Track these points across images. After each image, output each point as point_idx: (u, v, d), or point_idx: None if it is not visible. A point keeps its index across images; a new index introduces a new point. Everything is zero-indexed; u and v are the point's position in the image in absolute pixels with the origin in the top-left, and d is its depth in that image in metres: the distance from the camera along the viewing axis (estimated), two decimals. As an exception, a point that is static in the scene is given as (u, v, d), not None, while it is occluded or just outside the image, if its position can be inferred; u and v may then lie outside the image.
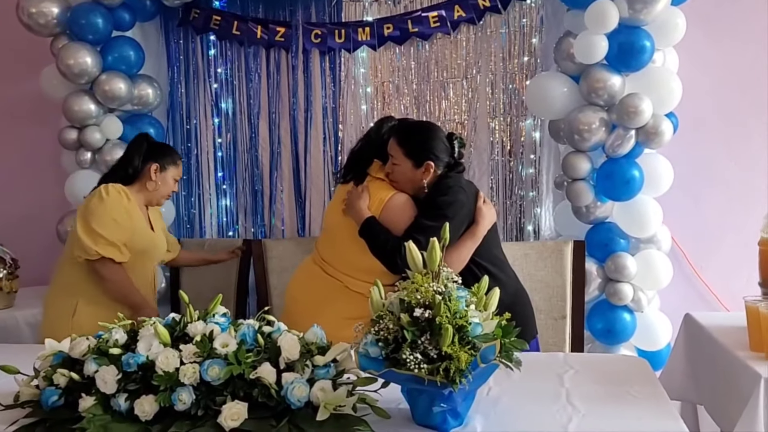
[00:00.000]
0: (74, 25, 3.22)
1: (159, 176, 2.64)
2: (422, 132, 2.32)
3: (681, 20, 2.84)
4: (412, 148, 2.25)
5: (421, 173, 2.25)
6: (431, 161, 2.24)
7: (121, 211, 2.52)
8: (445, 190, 2.23)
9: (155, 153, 2.67)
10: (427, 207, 2.22)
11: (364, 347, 1.52)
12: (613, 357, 2.20)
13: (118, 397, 1.60)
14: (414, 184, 2.29)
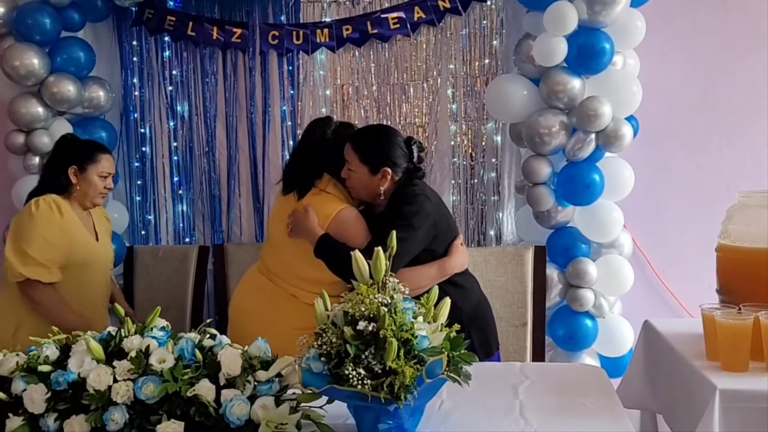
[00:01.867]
0: (20, 26, 3.10)
1: (80, 178, 2.49)
2: (378, 137, 2.23)
3: (641, 22, 2.83)
4: (368, 154, 2.16)
5: (378, 180, 2.16)
6: (388, 167, 2.16)
7: (53, 229, 2.39)
8: (410, 198, 2.13)
9: (73, 155, 2.52)
10: (392, 217, 2.10)
11: (306, 362, 1.45)
12: (569, 366, 2.17)
13: (47, 417, 1.51)
14: (371, 191, 2.20)
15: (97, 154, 2.55)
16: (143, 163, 3.56)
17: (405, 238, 2.00)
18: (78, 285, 2.48)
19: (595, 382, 1.88)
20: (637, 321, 2.68)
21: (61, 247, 2.40)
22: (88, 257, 2.51)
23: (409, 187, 2.19)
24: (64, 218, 2.42)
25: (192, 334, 1.67)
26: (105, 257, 2.63)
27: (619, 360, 2.97)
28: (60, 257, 2.41)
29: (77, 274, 2.46)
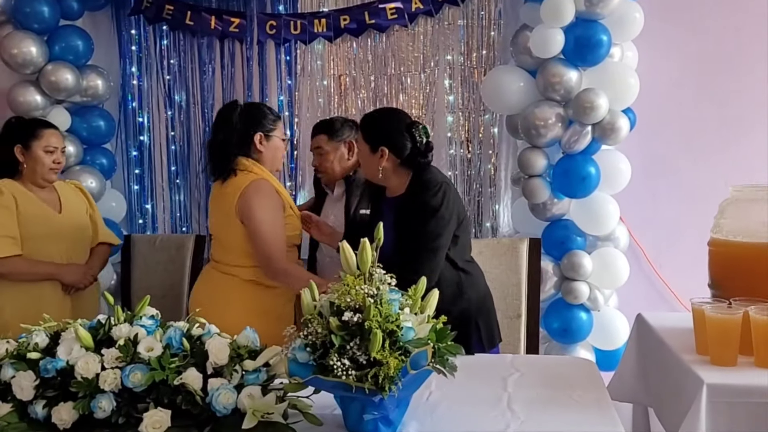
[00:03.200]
0: (19, 14, 3.12)
1: (26, 155, 2.54)
2: (380, 118, 2.25)
3: (639, 14, 2.81)
4: (368, 133, 2.19)
5: (377, 159, 2.17)
6: (386, 148, 2.16)
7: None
8: (433, 188, 2.12)
9: (16, 134, 2.56)
10: (420, 210, 2.10)
11: (292, 352, 1.45)
12: (559, 359, 2.16)
13: (35, 404, 1.52)
14: (371, 169, 2.20)
15: (38, 129, 2.57)
16: (141, 153, 3.57)
17: (440, 233, 2.08)
18: (38, 256, 2.53)
19: (584, 375, 1.87)
20: (632, 314, 2.66)
21: (5, 220, 2.46)
22: (45, 229, 2.54)
23: (428, 175, 2.18)
24: (3, 195, 2.47)
25: (181, 323, 1.67)
26: (70, 228, 2.63)
27: (614, 353, 2.97)
28: (7, 230, 2.46)
29: (35, 245, 2.52)
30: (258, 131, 2.32)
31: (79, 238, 2.67)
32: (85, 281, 2.60)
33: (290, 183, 3.47)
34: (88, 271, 2.62)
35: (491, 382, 1.80)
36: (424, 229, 2.09)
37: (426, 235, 2.09)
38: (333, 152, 2.54)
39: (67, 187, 2.73)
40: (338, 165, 2.55)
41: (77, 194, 2.77)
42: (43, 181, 2.59)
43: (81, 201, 2.76)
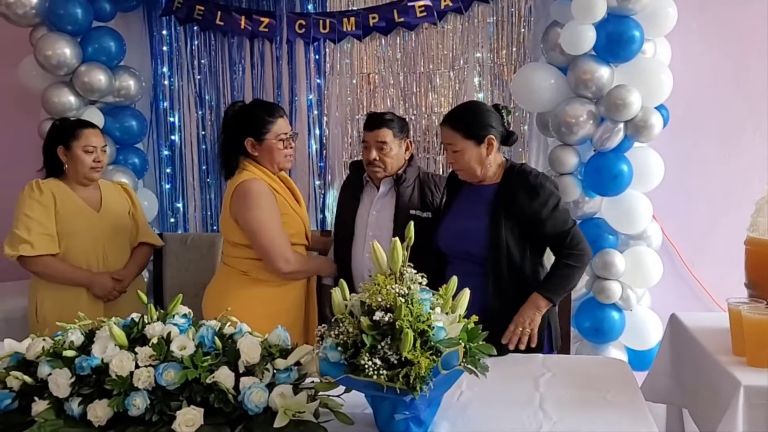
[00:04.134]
0: (53, 16, 3.16)
1: (68, 156, 2.61)
2: (472, 109, 2.25)
3: (672, 9, 2.76)
4: (469, 129, 2.16)
5: (485, 150, 2.17)
6: (492, 135, 2.16)
7: (32, 204, 2.55)
8: (545, 184, 2.16)
9: (58, 135, 2.64)
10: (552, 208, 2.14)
11: (323, 351, 1.46)
12: (592, 359, 2.14)
13: (71, 401, 1.54)
14: (481, 164, 2.18)
15: (78, 129, 2.64)
16: (172, 152, 3.61)
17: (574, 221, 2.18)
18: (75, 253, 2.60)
19: (618, 375, 1.85)
20: (665, 314, 2.63)
21: (43, 218, 2.54)
22: (81, 227, 2.61)
23: (531, 171, 2.20)
24: (43, 194, 2.56)
25: (213, 321, 1.69)
26: (107, 228, 2.68)
27: (646, 353, 2.93)
28: (43, 228, 2.54)
29: (71, 242, 2.59)
30: (247, 137, 2.36)
31: (116, 237, 2.72)
32: (112, 296, 2.66)
33: (319, 182, 3.48)
34: (116, 285, 2.66)
35: (523, 382, 1.79)
36: (557, 210, 2.14)
37: (564, 214, 2.16)
38: (396, 149, 2.52)
39: (112, 187, 2.80)
40: (396, 162, 2.54)
41: (120, 194, 2.83)
42: (86, 180, 2.65)
43: (123, 201, 2.82)
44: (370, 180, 2.60)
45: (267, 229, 2.32)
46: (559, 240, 2.13)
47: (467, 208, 2.23)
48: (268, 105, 2.51)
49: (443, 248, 2.26)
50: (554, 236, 2.13)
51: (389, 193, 2.56)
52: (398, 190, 2.53)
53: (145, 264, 2.91)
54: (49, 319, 2.51)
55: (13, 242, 2.54)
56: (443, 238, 2.26)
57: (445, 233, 2.26)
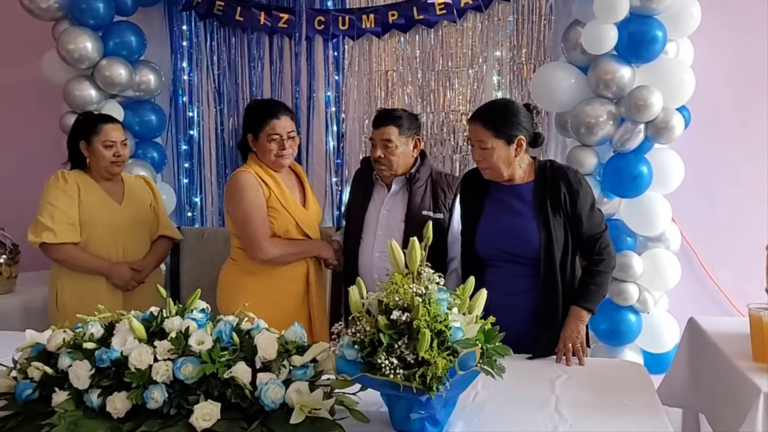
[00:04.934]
0: (75, 10, 3.19)
1: (90, 150, 2.65)
2: (505, 108, 2.21)
3: (696, 9, 2.73)
4: (499, 127, 2.13)
5: (514, 150, 2.14)
6: (521, 135, 2.14)
7: (56, 193, 2.60)
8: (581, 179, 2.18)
9: (79, 130, 2.67)
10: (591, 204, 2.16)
11: (340, 349, 1.46)
12: (608, 362, 2.13)
13: (90, 392, 1.56)
14: (509, 163, 2.16)
15: (97, 125, 2.66)
16: (190, 147, 3.63)
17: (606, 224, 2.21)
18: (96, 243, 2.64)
19: (634, 378, 1.84)
20: (683, 317, 2.62)
21: (66, 207, 2.59)
22: (103, 218, 2.64)
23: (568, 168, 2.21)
24: (68, 184, 2.61)
25: (230, 317, 1.70)
26: (128, 220, 2.72)
27: (662, 356, 2.91)
28: (66, 217, 2.58)
29: (93, 233, 2.63)
30: (248, 132, 2.52)
31: (137, 229, 2.75)
32: (131, 285, 2.69)
33: (336, 178, 3.48)
34: (135, 276, 2.69)
35: (538, 384, 1.79)
36: (594, 211, 2.15)
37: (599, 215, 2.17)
38: (401, 147, 2.50)
39: (134, 181, 2.84)
40: (402, 160, 2.52)
41: (143, 187, 2.86)
42: (107, 174, 2.69)
43: (145, 194, 2.85)
44: (380, 178, 2.59)
45: (247, 220, 2.45)
46: (592, 242, 2.13)
47: (507, 207, 2.18)
48: (269, 104, 2.58)
49: (482, 251, 2.21)
50: (589, 237, 2.13)
51: (401, 192, 2.55)
52: (410, 189, 2.52)
53: (164, 257, 2.94)
54: (69, 308, 2.55)
55: (36, 229, 2.58)
56: (484, 242, 2.21)
57: (486, 235, 2.21)
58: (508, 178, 2.18)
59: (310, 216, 2.58)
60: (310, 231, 2.58)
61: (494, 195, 2.23)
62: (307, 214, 2.57)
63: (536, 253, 2.10)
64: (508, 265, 2.16)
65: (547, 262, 2.09)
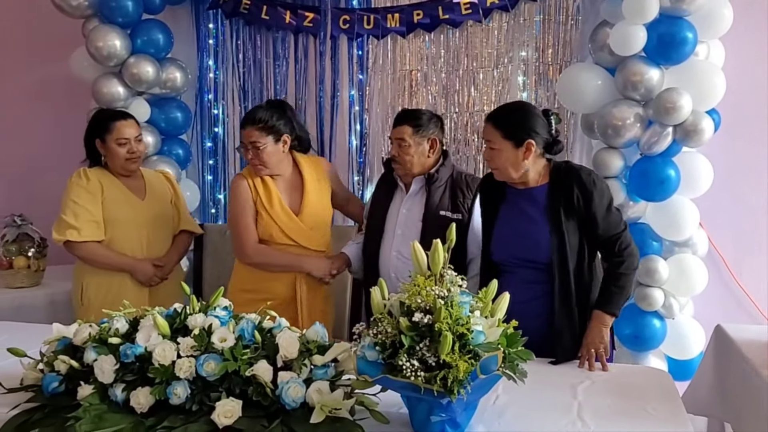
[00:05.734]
0: (105, 8, 3.23)
1: (105, 148, 2.66)
2: (517, 111, 2.19)
3: (728, 10, 2.68)
4: (510, 129, 2.11)
5: (522, 153, 2.11)
6: (531, 140, 2.12)
7: (79, 191, 2.63)
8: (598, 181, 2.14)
9: (94, 128, 2.68)
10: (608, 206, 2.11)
11: (361, 350, 1.46)
12: (633, 368, 2.09)
13: (115, 387, 1.58)
14: (516, 166, 2.13)
15: (110, 123, 2.65)
16: (215, 144, 3.66)
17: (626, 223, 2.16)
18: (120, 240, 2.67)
19: (659, 386, 1.81)
20: (709, 324, 2.58)
21: (90, 205, 2.62)
22: (127, 214, 2.67)
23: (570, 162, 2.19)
24: (90, 182, 2.64)
25: (252, 315, 1.71)
26: (151, 215, 2.73)
27: (687, 363, 2.87)
28: (90, 215, 2.61)
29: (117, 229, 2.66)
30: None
31: (159, 225, 2.77)
32: (154, 281, 2.71)
33: (358, 177, 3.49)
34: (158, 272, 2.71)
35: (561, 389, 1.77)
36: (611, 211, 2.11)
37: (617, 215, 2.13)
38: (415, 146, 2.49)
39: (155, 176, 2.86)
40: (417, 160, 2.51)
41: (163, 183, 2.88)
42: (124, 171, 2.70)
43: (166, 190, 2.87)
44: (399, 178, 2.59)
45: (233, 222, 2.62)
46: (611, 243, 2.08)
47: (521, 212, 2.16)
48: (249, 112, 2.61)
49: (497, 258, 2.20)
50: (607, 238, 2.09)
51: (420, 192, 2.54)
52: (429, 189, 2.51)
53: (186, 251, 2.96)
54: (94, 302, 2.59)
55: (60, 227, 2.61)
56: (498, 248, 2.19)
57: (500, 241, 2.19)
58: (521, 181, 2.16)
59: (298, 223, 2.58)
60: (300, 238, 2.58)
61: (510, 200, 2.21)
62: (294, 220, 2.57)
63: (548, 259, 2.07)
64: (522, 271, 2.13)
65: (560, 268, 2.06)
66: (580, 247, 2.09)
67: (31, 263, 3.24)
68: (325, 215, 2.70)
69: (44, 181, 3.83)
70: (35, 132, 3.96)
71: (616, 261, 2.08)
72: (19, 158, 4.00)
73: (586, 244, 2.10)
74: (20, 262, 3.21)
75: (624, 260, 2.08)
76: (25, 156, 3.99)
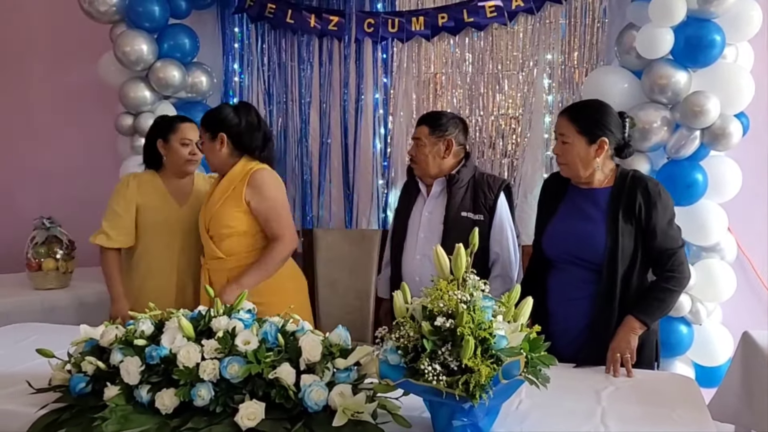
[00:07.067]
0: (132, 13, 3.27)
1: (166, 148, 2.68)
2: (595, 108, 2.18)
3: (756, 12, 2.64)
4: (586, 124, 2.11)
5: (594, 151, 2.11)
6: (606, 137, 2.11)
7: (118, 198, 2.66)
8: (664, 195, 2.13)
9: (158, 129, 2.71)
10: (669, 220, 2.11)
11: (384, 354, 1.46)
12: (658, 374, 2.06)
13: (140, 388, 1.61)
14: (586, 163, 2.13)
15: (176, 123, 2.71)
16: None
17: (683, 241, 2.15)
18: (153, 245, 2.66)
19: (684, 393, 1.79)
20: (737, 330, 2.54)
21: (125, 214, 2.64)
22: (160, 220, 2.66)
23: (650, 178, 2.17)
24: (129, 188, 2.66)
25: (275, 318, 1.72)
26: (186, 222, 2.70)
27: (715, 370, 2.83)
28: (122, 221, 2.63)
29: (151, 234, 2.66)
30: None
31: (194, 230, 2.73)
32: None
33: (382, 180, 3.49)
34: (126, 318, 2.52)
35: (584, 395, 1.75)
36: (672, 226, 2.10)
37: (677, 231, 2.12)
38: (430, 146, 2.51)
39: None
40: (432, 160, 2.52)
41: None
42: (182, 172, 2.72)
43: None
44: (421, 179, 2.60)
45: None
46: (665, 257, 2.07)
47: (580, 211, 2.15)
48: None
49: (549, 252, 2.20)
50: (661, 252, 2.07)
51: (441, 194, 2.55)
52: (450, 190, 2.51)
53: None
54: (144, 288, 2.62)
55: (97, 231, 2.65)
56: (552, 242, 2.19)
57: (555, 237, 2.19)
58: (586, 181, 2.15)
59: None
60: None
61: (571, 198, 2.20)
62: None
63: (600, 259, 2.06)
64: (571, 268, 2.13)
65: (609, 270, 2.05)
66: (633, 254, 2.07)
67: (60, 265, 3.29)
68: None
69: (73, 184, 3.92)
70: (64, 135, 4.03)
71: (667, 275, 2.06)
72: (48, 161, 4.08)
73: (639, 253, 2.08)
74: (49, 264, 3.26)
75: (675, 276, 2.06)
76: (54, 159, 4.07)
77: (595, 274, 2.08)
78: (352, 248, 3.31)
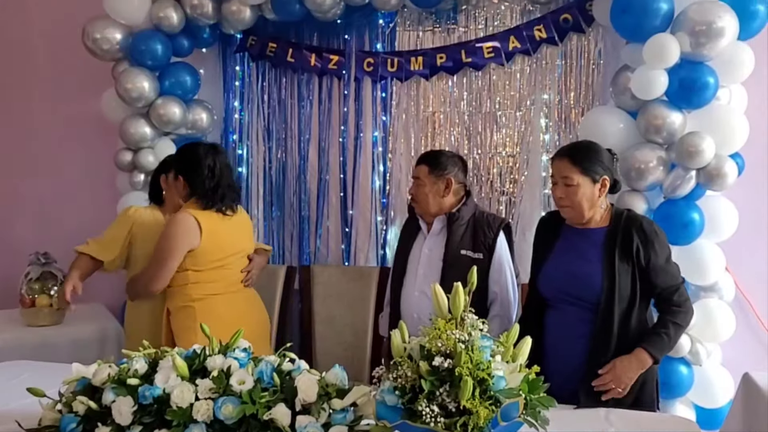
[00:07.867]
0: (134, 51, 3.30)
1: (167, 183, 2.69)
2: (591, 148, 2.22)
3: (748, 56, 2.67)
4: (588, 165, 2.15)
5: (598, 189, 2.15)
6: (606, 176, 2.16)
7: (114, 223, 2.71)
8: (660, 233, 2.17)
9: (163, 165, 2.75)
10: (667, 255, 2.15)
11: (381, 394, 1.44)
12: (658, 416, 2.04)
13: (132, 429, 1.58)
14: (592, 203, 2.16)
15: None
16: (239, 184, 3.69)
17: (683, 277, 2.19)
18: None
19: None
20: (737, 371, 2.52)
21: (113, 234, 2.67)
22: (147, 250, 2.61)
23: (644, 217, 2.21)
24: (126, 216, 2.70)
25: (272, 357, 1.70)
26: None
27: (716, 412, 2.79)
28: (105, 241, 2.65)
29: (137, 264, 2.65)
30: None
31: None
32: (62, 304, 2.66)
33: (381, 218, 3.50)
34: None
35: (584, 438, 1.73)
36: (670, 263, 2.13)
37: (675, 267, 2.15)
38: (430, 185, 2.53)
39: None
40: (432, 199, 2.53)
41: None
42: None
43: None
44: (422, 217, 2.61)
45: None
46: (668, 294, 2.09)
47: (576, 251, 2.17)
48: None
49: (545, 292, 2.21)
50: (664, 289, 2.09)
51: (441, 232, 2.55)
52: (450, 228, 2.51)
53: None
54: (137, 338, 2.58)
55: None
56: (548, 282, 2.21)
57: (551, 276, 2.20)
58: (587, 220, 2.17)
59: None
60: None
61: (566, 237, 2.22)
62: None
63: (597, 298, 2.07)
64: (568, 308, 2.13)
65: (605, 310, 2.05)
66: (632, 293, 2.08)
67: (54, 302, 3.26)
68: None
69: (71, 219, 3.90)
70: (65, 170, 4.03)
71: (674, 310, 2.09)
72: (47, 195, 4.08)
73: (638, 292, 2.09)
74: (43, 300, 3.23)
75: (681, 311, 2.10)
76: (53, 193, 4.07)
77: (592, 313, 2.08)
78: (350, 285, 3.29)
